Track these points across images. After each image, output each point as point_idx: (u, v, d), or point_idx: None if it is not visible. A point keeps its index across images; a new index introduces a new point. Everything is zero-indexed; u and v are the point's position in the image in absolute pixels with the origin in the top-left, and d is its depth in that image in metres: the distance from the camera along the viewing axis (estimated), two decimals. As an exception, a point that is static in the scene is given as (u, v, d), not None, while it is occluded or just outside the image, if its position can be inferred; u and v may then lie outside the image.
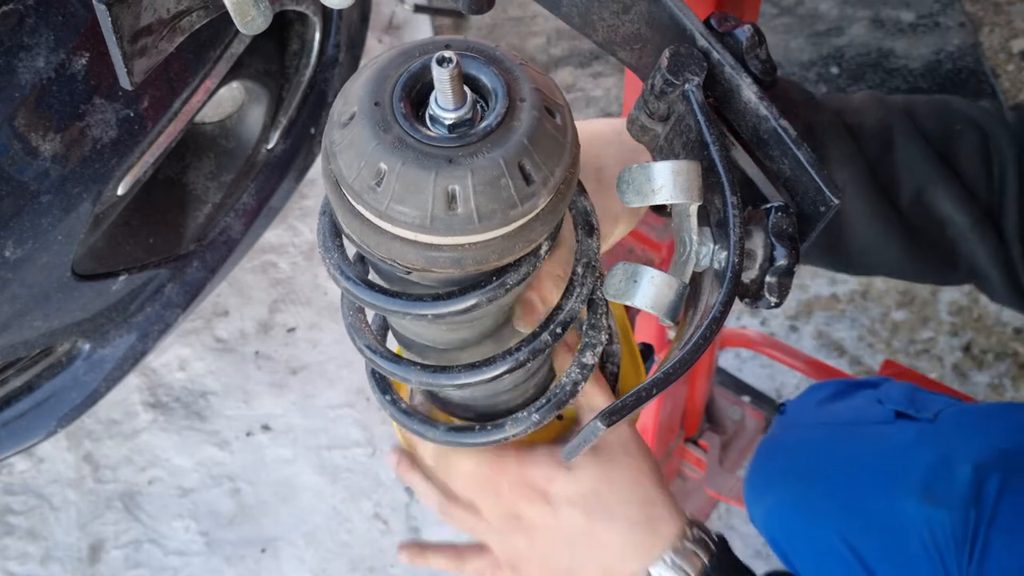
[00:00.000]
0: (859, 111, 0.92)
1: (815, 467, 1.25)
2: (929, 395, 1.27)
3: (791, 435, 1.34)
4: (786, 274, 0.59)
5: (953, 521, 1.09)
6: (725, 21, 0.64)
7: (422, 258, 0.55)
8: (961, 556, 1.08)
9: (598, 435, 0.56)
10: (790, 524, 1.24)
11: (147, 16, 0.57)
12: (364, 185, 0.53)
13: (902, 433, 1.22)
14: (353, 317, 0.73)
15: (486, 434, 0.76)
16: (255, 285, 2.25)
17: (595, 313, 0.74)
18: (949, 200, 0.90)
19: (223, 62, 1.49)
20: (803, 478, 1.25)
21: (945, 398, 1.27)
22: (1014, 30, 2.55)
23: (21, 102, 1.24)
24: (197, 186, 1.74)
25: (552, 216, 0.57)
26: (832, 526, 1.18)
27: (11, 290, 1.34)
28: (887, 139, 0.91)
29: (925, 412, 1.23)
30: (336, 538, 1.98)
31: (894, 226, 0.91)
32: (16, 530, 2.00)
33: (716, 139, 0.59)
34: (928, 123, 0.92)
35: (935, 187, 0.90)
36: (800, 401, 1.41)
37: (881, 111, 0.92)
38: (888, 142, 0.91)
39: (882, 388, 1.31)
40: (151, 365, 2.16)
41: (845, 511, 1.18)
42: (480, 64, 0.55)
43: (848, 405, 1.32)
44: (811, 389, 1.42)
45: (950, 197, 0.90)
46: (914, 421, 1.22)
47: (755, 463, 1.36)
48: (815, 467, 1.25)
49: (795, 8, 2.62)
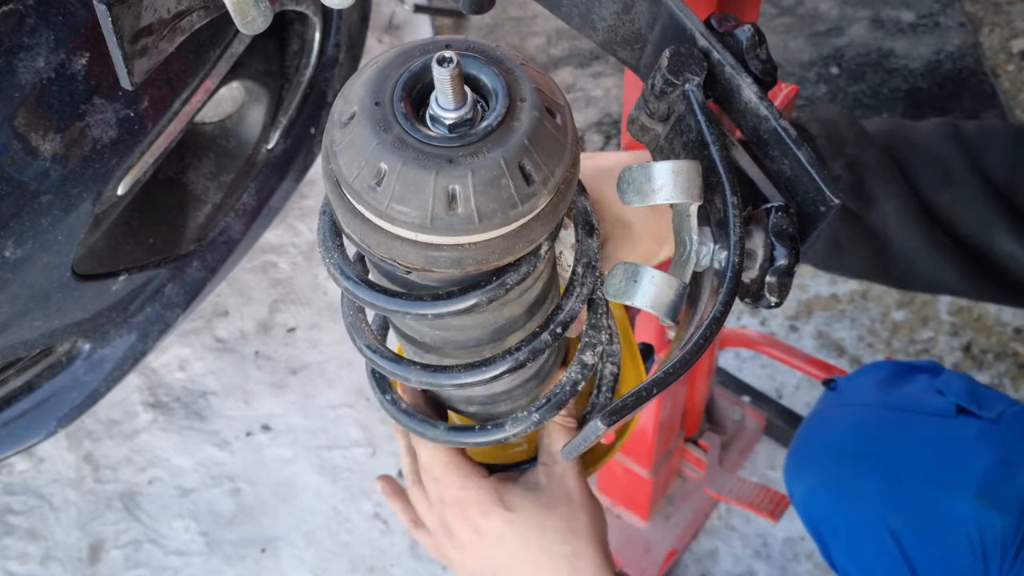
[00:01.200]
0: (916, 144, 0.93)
1: (867, 449, 1.23)
2: (989, 391, 1.26)
3: (843, 413, 1.32)
4: (786, 274, 0.59)
5: (1005, 525, 1.09)
6: (725, 21, 0.63)
7: (422, 258, 0.55)
8: (1005, 561, 1.08)
9: (598, 435, 0.56)
10: (833, 503, 1.23)
11: (147, 16, 0.57)
12: (364, 185, 0.53)
13: (963, 429, 1.20)
14: (353, 317, 0.73)
15: (486, 433, 0.76)
16: (255, 285, 2.25)
17: (595, 313, 0.74)
18: (1011, 237, 0.91)
19: (223, 62, 1.49)
20: (853, 458, 1.23)
21: (1005, 397, 1.25)
22: (1014, 30, 2.55)
23: (21, 102, 1.24)
24: (197, 186, 1.74)
25: (552, 216, 0.57)
26: (877, 510, 1.17)
27: (11, 290, 1.34)
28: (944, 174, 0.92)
29: (987, 410, 1.21)
30: (336, 538, 1.98)
31: (950, 254, 0.92)
32: (16, 530, 2.00)
33: (716, 139, 0.59)
34: (994, 156, 0.92)
35: (995, 223, 0.91)
36: (853, 379, 1.38)
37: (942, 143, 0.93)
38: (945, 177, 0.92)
39: (942, 377, 1.29)
40: (151, 365, 2.16)
41: (893, 497, 1.18)
42: (481, 64, 0.55)
43: (906, 391, 1.30)
44: (866, 368, 1.40)
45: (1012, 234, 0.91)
46: (975, 418, 1.21)
47: (801, 438, 1.33)
48: (867, 449, 1.23)
49: (795, 8, 2.62)
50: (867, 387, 1.34)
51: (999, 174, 0.92)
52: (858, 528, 1.19)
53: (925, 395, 1.27)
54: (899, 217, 0.91)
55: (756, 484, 1.75)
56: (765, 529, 1.92)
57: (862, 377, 1.37)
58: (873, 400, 1.30)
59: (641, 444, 1.61)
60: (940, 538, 1.13)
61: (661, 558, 1.84)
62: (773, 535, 1.92)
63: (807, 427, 1.35)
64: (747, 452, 1.96)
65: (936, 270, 0.94)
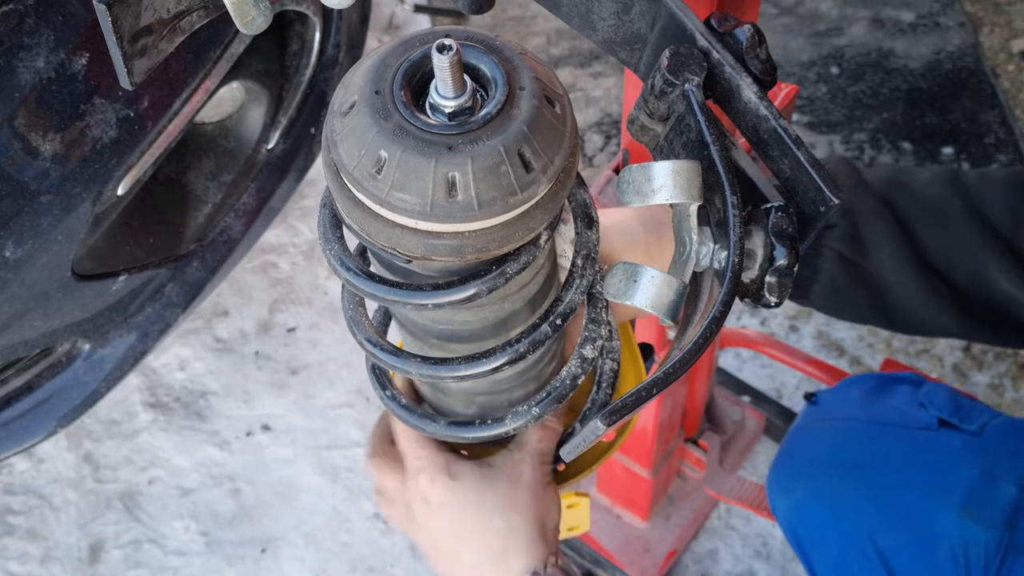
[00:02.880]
0: (913, 189, 0.94)
1: (852, 462, 1.24)
2: (971, 403, 1.26)
3: (826, 428, 1.32)
4: (786, 274, 0.59)
5: (988, 539, 1.09)
6: (725, 21, 0.63)
7: (422, 246, 0.55)
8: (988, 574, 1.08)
9: (598, 435, 0.56)
10: (818, 517, 1.23)
11: (147, 16, 0.57)
12: (365, 173, 0.53)
13: (946, 442, 1.20)
14: (354, 310, 0.73)
15: (486, 428, 0.76)
16: (255, 285, 2.25)
17: (595, 307, 0.74)
18: (1010, 278, 0.91)
19: (223, 62, 1.49)
20: (842, 470, 1.24)
21: (988, 409, 1.25)
22: (1014, 30, 2.55)
23: (21, 102, 1.24)
24: (197, 186, 1.74)
25: (552, 205, 0.57)
26: (862, 523, 1.18)
27: (11, 290, 1.34)
28: (941, 217, 0.92)
29: (969, 423, 1.21)
30: (336, 538, 1.98)
31: (947, 298, 0.93)
32: (16, 530, 2.00)
33: (716, 139, 0.59)
34: (994, 200, 0.93)
35: (993, 264, 0.91)
36: (835, 393, 1.39)
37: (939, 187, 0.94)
38: (942, 220, 0.92)
39: (924, 390, 1.29)
40: (151, 365, 2.16)
41: (878, 510, 1.18)
42: (480, 53, 0.55)
43: (888, 404, 1.30)
44: (847, 382, 1.40)
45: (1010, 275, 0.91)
46: (958, 431, 1.21)
47: (784, 454, 1.34)
48: (852, 462, 1.24)
49: (795, 8, 2.62)
50: (850, 401, 1.34)
51: (999, 217, 0.92)
52: (843, 539, 1.19)
53: (908, 408, 1.27)
54: (894, 262, 0.92)
55: (756, 484, 1.75)
56: (765, 529, 1.93)
57: (844, 391, 1.38)
58: (857, 414, 1.31)
59: (641, 444, 1.61)
60: (924, 551, 1.13)
61: (661, 558, 1.85)
62: (773, 535, 1.92)
63: (791, 441, 1.35)
64: (747, 452, 1.96)
65: (934, 315, 0.95)
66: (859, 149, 2.36)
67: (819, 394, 1.40)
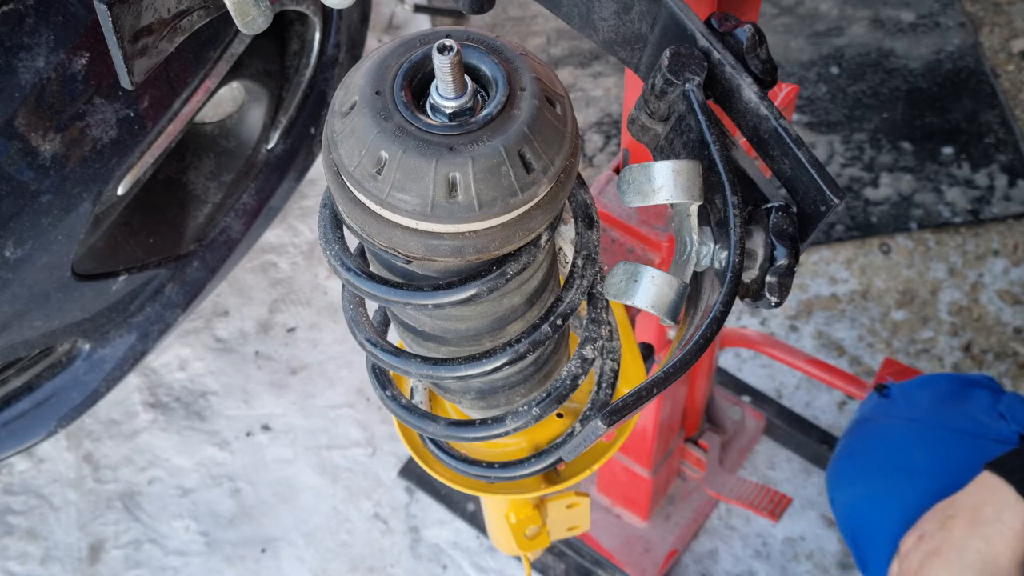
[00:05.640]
0: None
1: (920, 467, 1.20)
2: None
3: (896, 426, 1.29)
4: (787, 274, 0.59)
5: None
6: (726, 21, 0.63)
7: (423, 246, 0.55)
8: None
9: (598, 435, 0.56)
10: (878, 517, 1.20)
11: (147, 16, 0.57)
12: (365, 173, 0.53)
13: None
14: (354, 311, 0.73)
15: (487, 428, 0.76)
16: (255, 285, 2.25)
17: (596, 308, 0.74)
18: None
19: (223, 62, 1.49)
20: (906, 475, 1.20)
21: None
22: (1014, 30, 2.55)
23: (21, 102, 1.24)
24: (197, 186, 1.74)
25: (552, 205, 0.57)
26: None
27: (11, 290, 1.34)
28: None
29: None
30: (336, 538, 1.98)
31: None
32: (16, 530, 2.00)
33: (716, 139, 0.59)
34: None
35: None
36: (908, 391, 1.34)
37: None
38: None
39: (1004, 400, 1.25)
40: (151, 365, 2.16)
41: None
42: (481, 54, 0.55)
43: (965, 412, 1.26)
44: (922, 380, 1.36)
45: None
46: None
47: (850, 444, 1.30)
48: (920, 467, 1.20)
49: (795, 8, 2.62)
50: (923, 401, 1.30)
51: None
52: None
53: (986, 418, 1.23)
54: None
55: (756, 484, 1.75)
56: (765, 529, 1.93)
57: (918, 390, 1.34)
58: (929, 417, 1.27)
59: (641, 444, 1.61)
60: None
61: (661, 558, 1.85)
62: (773, 535, 1.92)
63: (855, 433, 1.32)
64: (747, 452, 1.96)
65: None
66: (859, 149, 2.36)
67: (891, 387, 1.35)
